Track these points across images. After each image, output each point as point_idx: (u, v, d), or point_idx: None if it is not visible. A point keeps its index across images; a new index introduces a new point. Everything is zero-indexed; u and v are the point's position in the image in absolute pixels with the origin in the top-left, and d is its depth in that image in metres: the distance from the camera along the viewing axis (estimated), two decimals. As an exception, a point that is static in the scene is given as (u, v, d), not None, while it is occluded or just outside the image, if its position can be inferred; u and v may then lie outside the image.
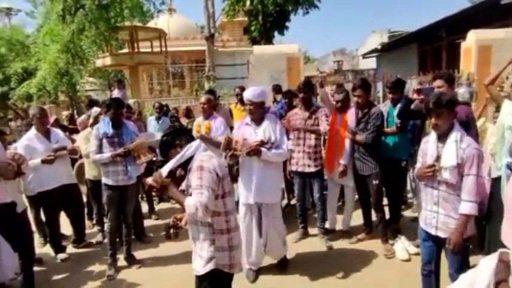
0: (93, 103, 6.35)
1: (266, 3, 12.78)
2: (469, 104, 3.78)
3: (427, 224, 2.63)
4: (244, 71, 14.40)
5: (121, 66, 15.00)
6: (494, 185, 3.25)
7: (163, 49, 14.23)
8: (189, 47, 18.24)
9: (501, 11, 8.22)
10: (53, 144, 4.04)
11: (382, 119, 3.82)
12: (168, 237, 2.32)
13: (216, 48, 16.07)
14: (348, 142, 3.99)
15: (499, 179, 3.02)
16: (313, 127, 3.97)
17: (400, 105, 3.89)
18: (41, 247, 4.46)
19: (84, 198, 4.86)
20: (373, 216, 4.12)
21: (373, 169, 3.84)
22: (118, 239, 3.98)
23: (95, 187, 4.35)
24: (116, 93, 10.01)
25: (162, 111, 6.52)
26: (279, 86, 6.04)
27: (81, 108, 12.77)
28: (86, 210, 4.88)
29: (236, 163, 4.40)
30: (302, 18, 26.37)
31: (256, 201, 3.40)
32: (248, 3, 12.91)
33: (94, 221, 4.91)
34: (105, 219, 4.04)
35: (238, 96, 5.56)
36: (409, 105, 3.66)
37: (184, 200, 2.12)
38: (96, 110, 4.66)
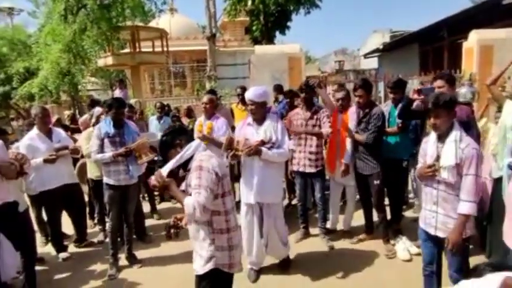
0: (95, 103, 6.36)
1: (267, 3, 12.75)
2: (470, 104, 3.78)
3: (426, 224, 2.63)
4: (246, 70, 14.38)
5: (122, 66, 15.02)
6: (495, 185, 3.25)
7: (164, 49, 14.23)
8: (190, 47, 18.23)
9: (503, 11, 8.19)
10: (55, 144, 4.05)
11: (383, 119, 3.82)
12: (168, 237, 2.32)
13: (218, 48, 16.06)
14: (349, 142, 3.99)
15: (501, 179, 3.01)
16: (314, 130, 3.96)
17: (400, 105, 3.89)
18: (42, 246, 4.47)
19: (86, 198, 4.87)
20: (375, 216, 4.12)
21: (374, 169, 3.84)
22: (119, 238, 3.99)
23: (96, 187, 4.37)
24: (118, 92, 10.03)
25: (164, 111, 6.54)
26: (280, 85, 6.03)
27: (82, 108, 12.82)
28: (88, 210, 4.88)
29: (238, 163, 4.41)
30: (303, 18, 26.38)
31: (257, 201, 3.40)
32: (249, 3, 12.88)
33: (95, 221, 4.93)
34: (107, 219, 4.05)
35: (240, 96, 5.56)
36: (409, 105, 3.66)
37: (183, 199, 2.13)
38: (98, 109, 4.67)
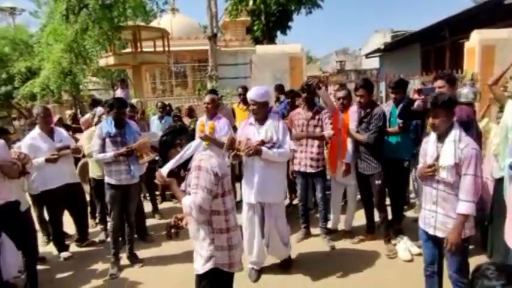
0: (96, 102, 6.38)
1: (269, 3, 12.75)
2: (472, 104, 3.77)
3: (425, 223, 2.63)
4: (247, 70, 14.40)
5: (124, 66, 15.04)
6: (497, 186, 3.24)
7: (166, 49, 14.24)
8: (191, 47, 18.24)
9: (505, 11, 8.17)
10: (57, 144, 4.06)
11: (384, 119, 3.81)
12: (169, 236, 2.32)
13: (219, 48, 16.07)
14: (350, 141, 3.99)
15: (502, 180, 3.00)
16: (316, 133, 3.95)
17: (401, 105, 3.89)
18: (44, 246, 4.48)
19: (87, 197, 4.88)
20: (376, 216, 4.12)
21: (375, 169, 3.84)
22: (121, 238, 3.99)
23: (98, 186, 4.38)
24: (119, 92, 10.04)
25: (165, 110, 6.54)
26: (281, 85, 6.04)
27: (84, 108, 12.85)
28: (89, 209, 4.90)
29: (239, 163, 4.41)
30: (305, 18, 26.36)
31: (258, 200, 3.40)
32: (251, 3, 12.87)
33: (97, 220, 4.94)
34: (108, 218, 4.06)
35: (241, 96, 5.56)
36: (410, 105, 3.65)
37: (182, 199, 2.15)
38: (100, 109, 4.68)
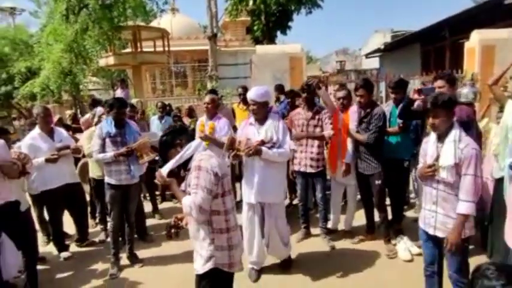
0: (96, 102, 6.38)
1: (269, 3, 12.75)
2: (472, 104, 3.77)
3: (425, 223, 2.63)
4: (247, 70, 14.40)
5: (124, 66, 15.04)
6: (497, 186, 3.24)
7: (166, 49, 14.24)
8: (191, 47, 18.24)
9: (505, 11, 8.17)
10: (57, 144, 4.06)
11: (384, 119, 3.81)
12: (169, 236, 2.32)
13: (219, 48, 16.07)
14: (350, 141, 3.99)
15: (502, 180, 3.00)
16: (316, 133, 3.95)
17: (401, 105, 3.88)
18: (44, 246, 4.48)
19: (87, 197, 4.88)
20: (376, 216, 4.12)
21: (375, 169, 3.83)
22: (121, 238, 4.00)
23: (98, 186, 4.38)
24: (119, 92, 10.04)
25: (165, 110, 6.54)
26: (281, 85, 6.04)
27: (84, 108, 12.85)
28: (89, 209, 4.90)
29: (239, 163, 4.41)
30: (305, 18, 26.34)
31: (258, 200, 3.40)
32: (251, 3, 12.87)
33: (97, 220, 4.94)
34: (108, 218, 4.05)
35: (241, 96, 5.56)
36: (410, 105, 3.65)
37: (182, 199, 2.15)
38: (100, 109, 4.68)
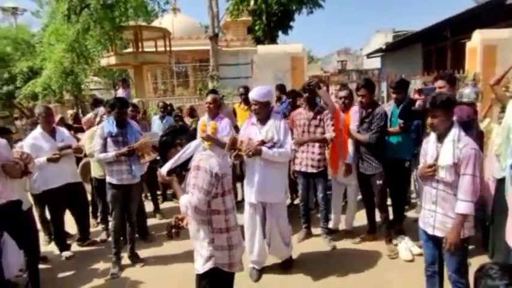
0: (98, 102, 6.39)
1: (270, 3, 12.73)
2: (474, 104, 3.76)
3: (425, 223, 2.63)
4: (248, 70, 14.41)
5: (125, 66, 15.06)
6: (498, 186, 3.24)
7: (167, 49, 14.25)
8: (193, 47, 18.27)
9: (506, 11, 8.15)
10: (58, 143, 4.07)
11: (385, 119, 3.81)
12: (169, 236, 2.32)
13: (220, 48, 16.09)
14: (351, 142, 3.98)
15: (504, 180, 3.00)
16: (317, 136, 3.93)
17: (402, 105, 3.88)
18: (45, 245, 4.49)
19: (89, 197, 4.89)
20: (377, 216, 4.12)
21: (377, 169, 3.83)
22: (122, 237, 4.01)
23: (100, 186, 4.39)
24: (121, 92, 10.03)
25: (166, 110, 6.55)
26: (282, 85, 6.04)
27: (85, 107, 12.87)
28: (91, 209, 4.91)
29: (240, 163, 4.42)
30: (306, 18, 26.29)
31: (259, 200, 3.40)
32: (252, 2, 12.86)
33: (98, 220, 4.94)
34: (110, 218, 4.06)
35: (242, 95, 5.57)
36: (410, 105, 3.65)
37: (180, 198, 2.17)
38: (103, 109, 4.69)
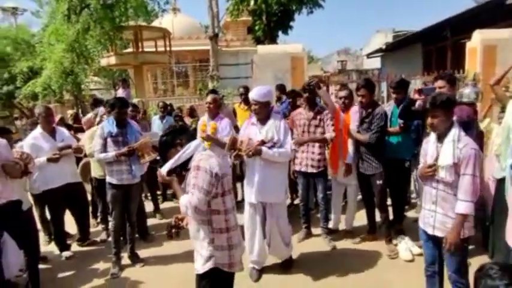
0: (98, 102, 6.39)
1: (270, 3, 12.74)
2: (474, 104, 3.76)
3: (425, 223, 2.63)
4: (248, 70, 14.41)
5: (125, 66, 15.06)
6: (498, 186, 3.24)
7: (167, 49, 14.25)
8: (193, 47, 18.27)
9: (506, 11, 8.16)
10: (58, 143, 4.07)
11: (385, 119, 3.81)
12: (169, 236, 2.32)
13: (220, 48, 16.09)
14: (351, 142, 3.98)
15: (504, 180, 3.00)
16: (317, 136, 3.93)
17: (401, 105, 3.88)
18: (45, 245, 4.49)
19: (89, 197, 4.89)
20: (377, 216, 4.12)
21: (377, 169, 3.83)
22: (122, 237, 4.01)
23: (100, 186, 4.39)
24: (121, 92, 10.03)
25: (166, 110, 6.55)
26: (282, 85, 6.04)
27: (85, 107, 12.87)
28: (91, 209, 4.91)
29: (240, 163, 4.42)
30: (306, 18, 26.29)
31: (259, 200, 3.40)
32: (252, 2, 12.87)
33: (98, 220, 4.94)
34: (110, 218, 4.06)
35: (242, 95, 5.57)
36: (410, 105, 3.65)
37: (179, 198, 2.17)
38: (103, 109, 4.69)
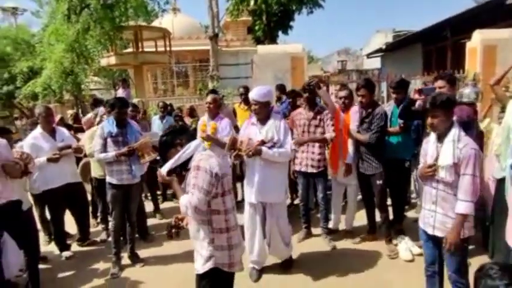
0: (98, 102, 6.39)
1: (270, 3, 12.74)
2: (474, 104, 3.76)
3: (425, 223, 2.63)
4: (248, 70, 14.41)
5: (125, 66, 15.06)
6: (498, 186, 3.24)
7: (167, 49, 14.24)
8: (193, 47, 18.27)
9: (506, 11, 8.16)
10: (58, 143, 4.07)
11: (385, 119, 3.81)
12: (169, 236, 2.32)
13: (220, 48, 16.09)
14: (351, 142, 3.98)
15: (504, 180, 3.00)
16: (318, 136, 3.93)
17: (402, 105, 3.88)
18: (45, 245, 4.49)
19: (89, 197, 4.89)
20: (377, 216, 4.12)
21: (377, 169, 3.83)
22: (122, 237, 4.01)
23: (100, 185, 4.39)
24: (121, 92, 10.03)
25: (166, 110, 6.55)
26: (282, 85, 6.04)
27: (85, 107, 12.87)
28: (91, 209, 4.91)
29: (240, 163, 4.41)
30: (306, 18, 26.27)
31: (258, 200, 3.40)
32: (252, 2, 12.87)
33: (98, 220, 4.95)
34: (110, 218, 4.06)
35: (242, 96, 5.57)
36: (410, 105, 3.64)
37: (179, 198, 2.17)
38: (103, 109, 4.69)
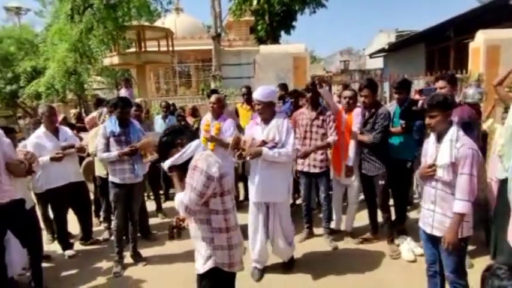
0: (101, 102, 6.42)
1: (273, 3, 12.75)
2: (477, 104, 3.76)
3: (424, 222, 2.64)
4: (251, 70, 14.41)
5: (128, 66, 15.06)
6: (501, 187, 3.23)
7: (170, 48, 14.26)
8: (195, 47, 18.28)
9: (510, 11, 8.12)
10: (62, 142, 4.09)
11: (389, 119, 3.81)
12: (171, 237, 2.33)
13: (223, 48, 16.08)
14: (353, 143, 3.98)
15: (506, 181, 2.99)
16: (320, 142, 3.92)
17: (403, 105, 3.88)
18: (49, 244, 4.52)
19: (92, 196, 4.91)
20: (379, 216, 4.11)
21: (379, 169, 3.83)
22: (124, 236, 4.02)
23: (104, 185, 4.40)
24: (123, 92, 10.06)
25: (169, 110, 6.56)
26: (285, 85, 6.04)
27: (88, 107, 12.92)
28: (93, 208, 4.93)
29: (243, 162, 4.43)
30: (309, 18, 26.28)
31: (260, 199, 3.41)
32: (255, 2, 12.88)
33: (101, 219, 4.97)
34: (112, 217, 4.08)
35: (244, 95, 5.58)
36: (411, 105, 3.64)
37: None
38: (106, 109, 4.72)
